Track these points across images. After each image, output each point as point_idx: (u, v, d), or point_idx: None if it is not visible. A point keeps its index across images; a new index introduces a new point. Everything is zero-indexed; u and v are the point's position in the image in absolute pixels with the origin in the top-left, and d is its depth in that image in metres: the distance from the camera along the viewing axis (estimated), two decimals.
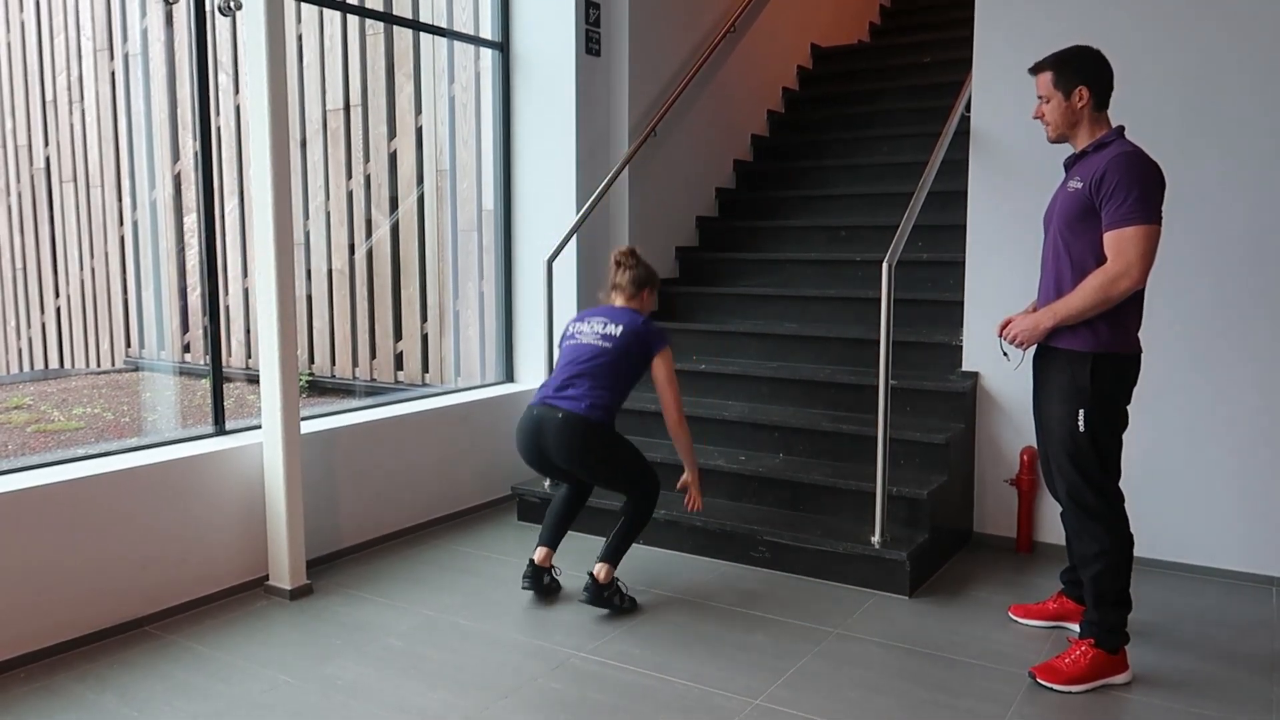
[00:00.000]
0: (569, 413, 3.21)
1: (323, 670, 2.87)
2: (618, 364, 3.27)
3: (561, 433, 3.21)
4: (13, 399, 6.40)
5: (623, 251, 3.47)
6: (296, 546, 3.45)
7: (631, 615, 3.27)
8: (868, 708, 2.65)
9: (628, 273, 3.40)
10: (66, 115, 6.67)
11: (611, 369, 3.26)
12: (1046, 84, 2.77)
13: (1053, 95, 2.76)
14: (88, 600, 3.04)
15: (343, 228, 6.24)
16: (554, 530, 3.47)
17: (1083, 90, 2.72)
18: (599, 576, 3.26)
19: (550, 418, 3.23)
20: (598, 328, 3.33)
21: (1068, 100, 2.73)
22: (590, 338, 3.33)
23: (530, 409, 3.32)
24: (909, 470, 3.77)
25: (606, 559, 3.29)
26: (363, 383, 6.20)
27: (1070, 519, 2.84)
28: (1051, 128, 2.80)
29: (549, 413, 3.25)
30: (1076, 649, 2.78)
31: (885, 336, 3.42)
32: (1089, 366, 2.69)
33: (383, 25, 5.93)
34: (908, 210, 3.67)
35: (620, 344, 3.27)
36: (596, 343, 3.30)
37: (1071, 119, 2.75)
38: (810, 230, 5.09)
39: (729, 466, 3.95)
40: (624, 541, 3.31)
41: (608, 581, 3.27)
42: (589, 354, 3.28)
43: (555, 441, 3.23)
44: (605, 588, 3.26)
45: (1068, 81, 2.73)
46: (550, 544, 3.44)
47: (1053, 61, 2.77)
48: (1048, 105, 2.78)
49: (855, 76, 6.44)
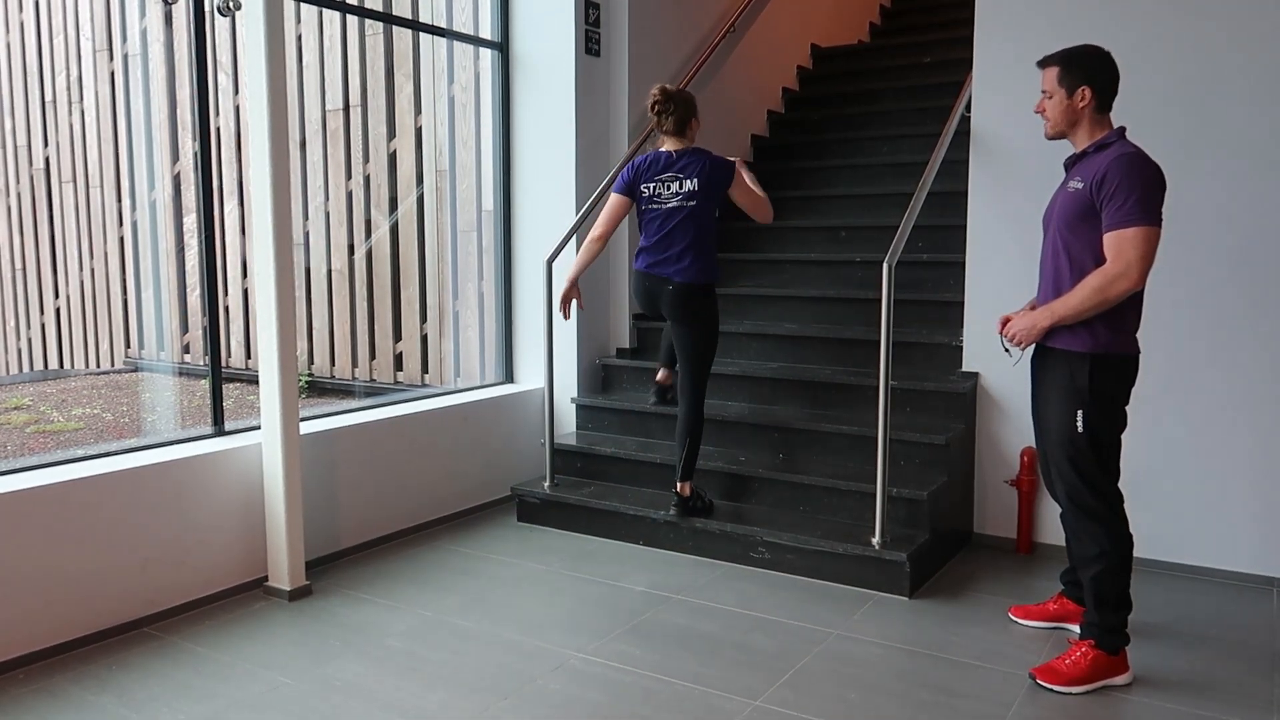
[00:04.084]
0: (679, 283, 3.66)
1: (322, 671, 2.86)
2: (705, 212, 3.66)
3: (674, 298, 3.69)
4: (12, 400, 6.39)
5: (655, 96, 3.67)
6: (296, 547, 3.45)
7: (629, 617, 3.26)
8: (868, 709, 2.65)
9: (669, 119, 3.65)
10: (66, 116, 6.66)
11: (697, 222, 3.65)
12: (1051, 79, 2.75)
13: (1056, 91, 2.74)
14: (86, 601, 3.04)
15: (342, 228, 6.24)
16: (669, 355, 4.12)
17: (1086, 90, 2.71)
18: (683, 493, 3.79)
19: (660, 288, 3.71)
20: (674, 188, 3.66)
21: (1070, 99, 2.72)
22: (672, 200, 3.66)
23: (642, 275, 3.77)
24: (909, 471, 3.77)
25: (684, 478, 3.79)
26: (362, 383, 6.20)
27: (1070, 520, 2.83)
28: (1050, 124, 2.79)
29: (659, 283, 3.71)
30: (1077, 650, 2.78)
31: (885, 337, 3.41)
32: (1088, 367, 2.68)
33: (382, 25, 5.93)
34: (908, 210, 3.67)
35: (701, 195, 3.63)
36: (681, 204, 3.65)
37: (1071, 118, 2.74)
38: (810, 230, 5.08)
39: (729, 467, 3.95)
40: (691, 458, 3.79)
41: (691, 494, 3.79)
42: (677, 216, 3.65)
43: (670, 305, 3.71)
44: (690, 499, 3.79)
45: (1072, 79, 2.72)
46: (669, 365, 4.13)
47: (1061, 58, 2.75)
48: (1049, 101, 2.76)
49: (855, 77, 6.43)
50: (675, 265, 3.67)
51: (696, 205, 3.64)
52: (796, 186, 5.56)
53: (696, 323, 3.74)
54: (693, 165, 3.66)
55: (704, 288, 3.72)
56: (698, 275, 3.68)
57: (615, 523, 4.03)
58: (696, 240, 3.66)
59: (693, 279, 3.67)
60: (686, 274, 3.67)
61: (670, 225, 3.67)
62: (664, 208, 3.67)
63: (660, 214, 3.69)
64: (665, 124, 3.66)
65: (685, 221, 3.65)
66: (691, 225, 3.66)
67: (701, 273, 3.69)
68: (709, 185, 3.64)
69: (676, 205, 3.64)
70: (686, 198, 3.63)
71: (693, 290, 3.69)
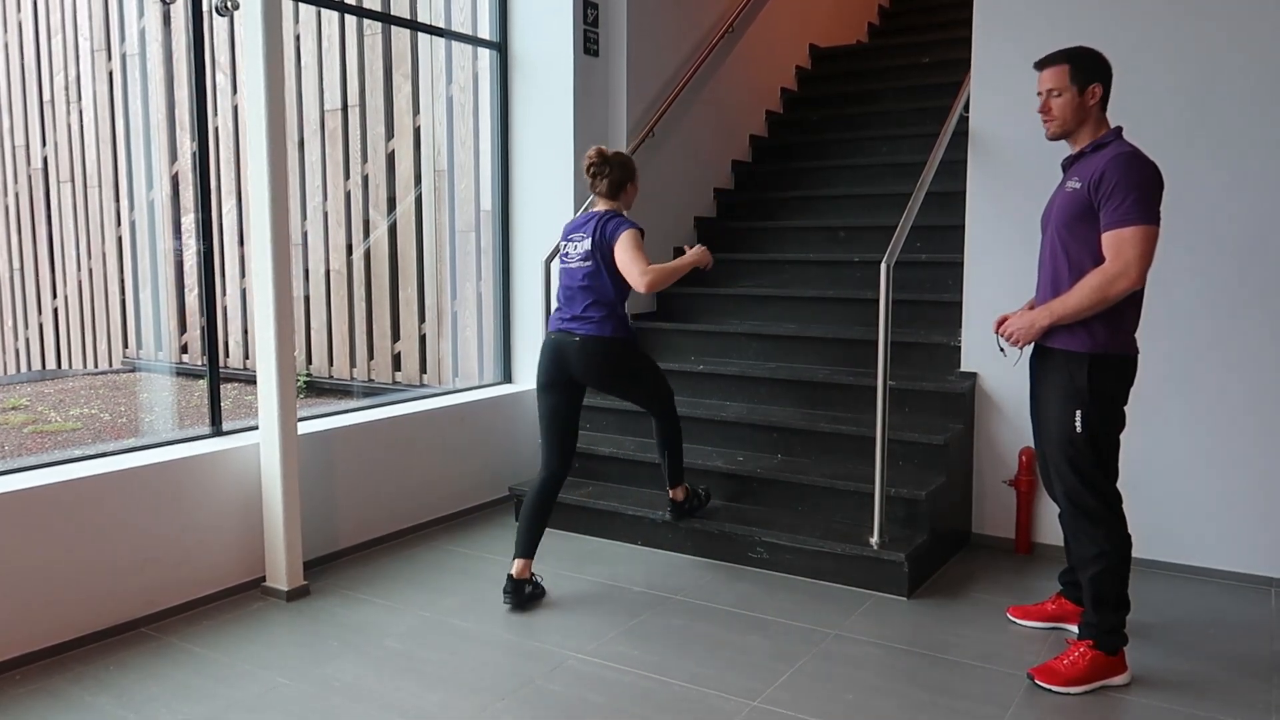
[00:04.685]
0: (585, 336, 3.39)
1: (320, 671, 2.86)
2: (601, 274, 3.40)
3: (580, 355, 3.39)
4: (10, 400, 6.39)
5: (590, 160, 3.46)
6: (294, 547, 3.44)
7: (627, 617, 3.26)
8: (866, 709, 2.64)
9: (603, 181, 3.48)
10: (64, 115, 6.66)
11: (599, 282, 3.40)
12: (1061, 77, 2.71)
13: (1066, 89, 2.71)
14: (84, 601, 3.03)
15: (340, 228, 6.24)
16: (528, 538, 3.39)
17: (1096, 88, 2.70)
18: (676, 498, 3.73)
19: (568, 343, 3.42)
20: (576, 246, 3.46)
21: (1081, 96, 2.70)
22: (574, 260, 3.46)
23: (549, 335, 3.50)
24: (907, 471, 3.77)
25: (675, 482, 3.71)
26: (360, 383, 6.20)
27: (1068, 520, 2.83)
28: (1058, 123, 2.75)
29: (566, 339, 3.43)
30: (1075, 650, 2.78)
31: (884, 337, 3.41)
32: (1087, 367, 2.68)
33: (380, 25, 5.93)
34: (906, 211, 3.67)
35: (597, 256, 3.40)
36: (580, 265, 3.44)
37: (1081, 116, 2.72)
38: (809, 231, 5.09)
39: (727, 467, 3.95)
40: (677, 461, 3.68)
41: (685, 497, 3.73)
42: (578, 276, 3.44)
43: (578, 365, 3.41)
44: (685, 503, 3.74)
45: (1085, 77, 2.70)
46: (527, 554, 3.37)
47: (1068, 55, 2.73)
48: (1058, 99, 2.72)
49: (854, 77, 6.43)
50: (580, 321, 3.40)
51: (592, 265, 3.39)
52: (795, 187, 5.56)
53: (623, 372, 3.50)
54: (594, 225, 3.42)
55: (620, 341, 3.43)
56: (609, 330, 3.40)
57: (613, 523, 4.03)
58: (599, 302, 3.40)
59: (603, 333, 3.39)
60: (596, 328, 3.38)
61: (573, 285, 3.44)
62: (569, 267, 3.47)
63: (565, 272, 3.49)
64: (599, 185, 3.45)
65: (586, 280, 3.41)
66: (592, 285, 3.40)
67: (614, 330, 3.41)
68: (600, 244, 3.39)
69: (576, 266, 3.43)
70: (584, 258, 3.41)
71: (606, 342, 3.39)
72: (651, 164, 5.01)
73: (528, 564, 3.36)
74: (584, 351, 3.38)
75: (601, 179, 3.45)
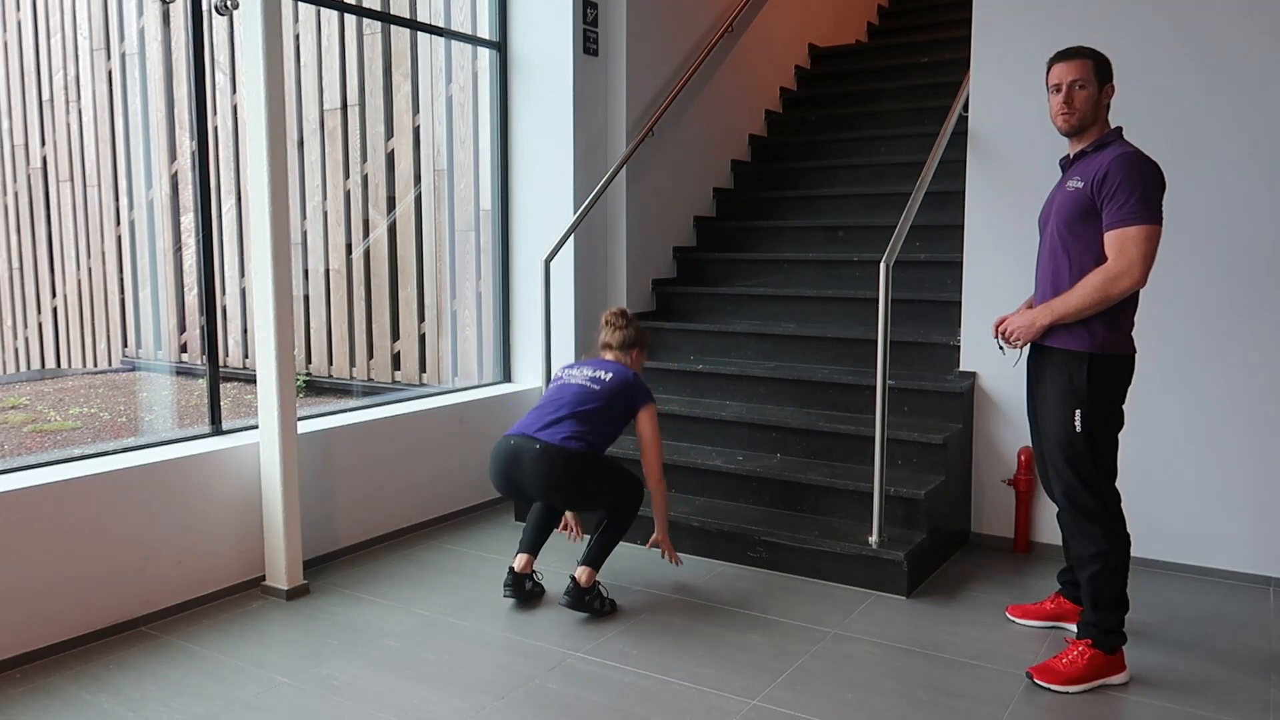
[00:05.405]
0: (547, 444, 3.16)
1: (319, 671, 2.86)
2: (604, 409, 3.26)
3: (538, 463, 3.14)
4: (9, 399, 6.39)
5: (613, 312, 3.52)
6: (293, 547, 3.44)
7: (627, 616, 3.26)
8: (865, 708, 2.65)
9: (618, 333, 3.46)
10: (63, 115, 6.65)
11: (598, 414, 3.25)
12: (1086, 70, 2.70)
13: (1090, 84, 2.70)
14: (84, 600, 3.03)
15: (340, 228, 6.24)
16: (534, 536, 3.41)
17: (1110, 88, 2.73)
18: (581, 580, 3.23)
19: (527, 448, 3.18)
20: (588, 372, 3.36)
21: (1100, 93, 2.72)
22: (580, 380, 3.33)
23: (506, 439, 3.26)
24: (906, 470, 3.77)
25: (588, 563, 3.26)
26: (360, 383, 6.20)
27: (1067, 520, 2.84)
28: (1078, 115, 2.72)
29: (526, 443, 3.19)
30: (1074, 649, 2.78)
31: (883, 336, 3.42)
32: (1086, 366, 2.69)
33: (380, 25, 5.93)
34: (905, 210, 3.67)
35: (609, 389, 3.28)
36: (586, 385, 3.30)
37: (1096, 113, 2.73)
38: (808, 230, 5.09)
39: (726, 467, 3.95)
40: (606, 546, 3.29)
41: (589, 585, 3.24)
42: (577, 396, 3.26)
43: (531, 472, 3.16)
44: (586, 591, 3.23)
45: (1103, 75, 2.72)
46: (531, 550, 3.38)
47: (1091, 52, 2.73)
48: (1081, 92, 2.70)
49: (853, 77, 6.43)
50: (550, 430, 3.19)
51: (600, 390, 3.27)
52: (795, 186, 5.56)
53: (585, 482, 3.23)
54: (617, 369, 3.35)
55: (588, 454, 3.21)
56: (577, 445, 3.17)
57: None
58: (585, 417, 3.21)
59: (570, 446, 3.15)
60: (564, 441, 3.16)
61: (563, 397, 3.27)
62: (568, 383, 3.34)
63: (557, 384, 3.37)
64: (613, 337, 3.45)
65: (581, 397, 3.25)
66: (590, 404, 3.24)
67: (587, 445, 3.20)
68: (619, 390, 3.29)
69: (579, 385, 3.30)
70: (594, 381, 3.30)
71: (569, 455, 3.14)
72: (651, 164, 5.01)
73: (531, 560, 3.37)
74: (544, 460, 3.14)
75: (618, 330, 3.46)
